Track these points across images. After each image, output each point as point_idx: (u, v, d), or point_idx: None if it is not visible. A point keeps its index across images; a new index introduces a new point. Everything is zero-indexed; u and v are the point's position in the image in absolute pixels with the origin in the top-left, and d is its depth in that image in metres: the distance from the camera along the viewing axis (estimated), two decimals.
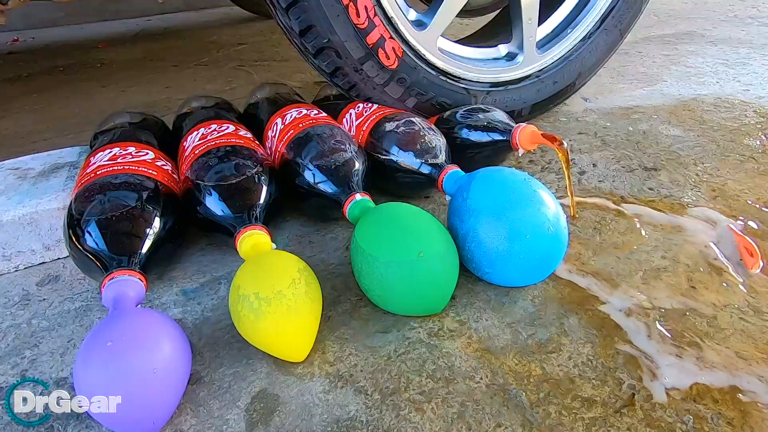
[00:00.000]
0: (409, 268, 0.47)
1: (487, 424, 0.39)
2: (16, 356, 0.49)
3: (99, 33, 2.16)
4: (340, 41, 0.67)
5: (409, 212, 0.52)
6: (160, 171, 0.61)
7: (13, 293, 0.59)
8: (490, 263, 0.51)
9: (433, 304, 0.50)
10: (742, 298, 0.50)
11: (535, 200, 0.51)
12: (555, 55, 0.87)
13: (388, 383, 0.43)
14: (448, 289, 0.50)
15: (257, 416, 0.41)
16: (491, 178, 0.54)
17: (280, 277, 0.45)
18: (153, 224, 0.53)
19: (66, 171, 0.72)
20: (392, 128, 0.66)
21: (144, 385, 0.38)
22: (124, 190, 0.54)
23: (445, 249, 0.49)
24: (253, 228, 0.52)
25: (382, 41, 0.70)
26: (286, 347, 0.45)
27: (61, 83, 1.49)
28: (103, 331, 0.40)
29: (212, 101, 0.83)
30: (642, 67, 1.18)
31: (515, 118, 0.88)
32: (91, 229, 0.50)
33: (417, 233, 0.49)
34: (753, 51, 1.21)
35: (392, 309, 0.50)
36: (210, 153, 0.60)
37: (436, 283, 0.48)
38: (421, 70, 0.76)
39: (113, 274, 0.46)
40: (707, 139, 0.81)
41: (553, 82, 0.88)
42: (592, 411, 0.40)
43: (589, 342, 0.46)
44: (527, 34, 0.82)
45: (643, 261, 0.55)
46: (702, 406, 0.40)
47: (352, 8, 0.66)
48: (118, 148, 0.63)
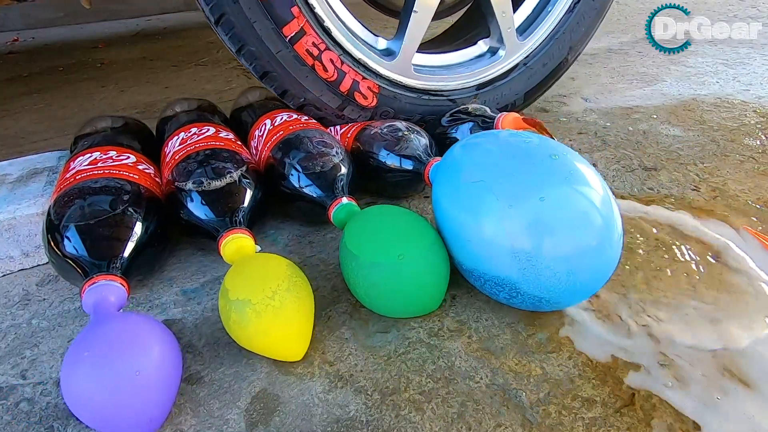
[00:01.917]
0: (390, 271, 0.47)
1: (487, 424, 0.39)
2: (16, 356, 0.49)
3: (99, 33, 2.15)
4: (316, 97, 0.71)
5: (394, 214, 0.52)
6: (141, 175, 0.60)
7: (13, 293, 0.59)
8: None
9: (420, 306, 0.49)
10: None
11: None
12: (539, 37, 0.84)
13: (388, 383, 0.43)
14: (435, 290, 0.49)
15: (257, 416, 0.41)
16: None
17: (270, 280, 0.45)
18: (134, 228, 0.52)
19: (45, 176, 0.70)
20: (377, 131, 0.67)
21: (128, 388, 0.38)
22: (103, 195, 0.53)
23: (429, 249, 0.48)
24: (235, 231, 0.52)
25: (356, 85, 0.72)
26: (282, 349, 0.45)
27: (61, 83, 1.49)
28: (83, 341, 0.39)
29: (194, 104, 0.81)
30: (642, 67, 1.18)
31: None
32: (71, 234, 0.49)
33: (398, 235, 0.49)
34: (753, 51, 1.21)
35: (381, 311, 0.50)
36: (189, 157, 0.60)
37: (418, 284, 0.48)
38: (402, 98, 0.76)
39: (93, 279, 0.46)
40: (707, 139, 0.81)
41: (542, 65, 0.86)
42: (592, 411, 0.40)
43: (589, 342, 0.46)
44: (504, 26, 0.80)
45: (643, 261, 0.55)
46: None
47: (318, 66, 0.69)
48: (98, 152, 0.62)
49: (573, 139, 0.85)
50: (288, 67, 0.67)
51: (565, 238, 0.41)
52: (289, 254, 0.61)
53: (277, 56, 0.66)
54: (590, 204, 0.42)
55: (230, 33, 0.64)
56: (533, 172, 0.44)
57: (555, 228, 0.41)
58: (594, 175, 0.44)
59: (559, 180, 0.43)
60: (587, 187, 0.43)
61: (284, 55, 0.66)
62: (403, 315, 0.50)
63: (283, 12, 0.64)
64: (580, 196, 0.42)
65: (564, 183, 0.42)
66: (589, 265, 0.42)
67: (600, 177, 0.45)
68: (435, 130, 0.74)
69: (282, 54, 0.66)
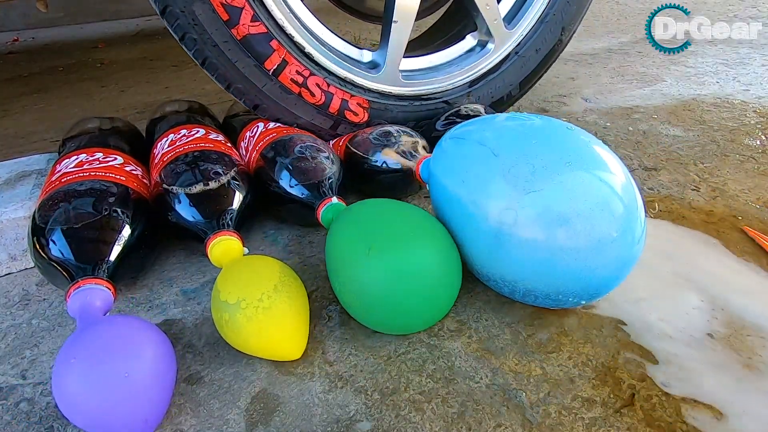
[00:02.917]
0: (359, 266, 0.44)
1: (487, 424, 0.39)
2: (16, 356, 0.49)
3: (99, 33, 2.15)
4: (307, 121, 0.72)
5: (375, 207, 0.50)
6: (129, 176, 0.60)
7: (13, 293, 0.59)
8: None
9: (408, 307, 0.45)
10: None
11: None
12: (528, 23, 0.81)
13: (388, 383, 0.43)
14: (416, 284, 0.44)
15: (257, 416, 0.41)
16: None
17: (260, 282, 0.45)
18: (120, 231, 0.51)
19: (33, 179, 0.70)
20: (367, 136, 0.68)
21: (118, 391, 0.37)
22: (88, 197, 0.52)
23: (404, 243, 0.44)
24: (223, 234, 0.51)
25: (345, 104, 0.72)
26: (277, 349, 0.45)
27: (61, 83, 1.49)
28: (69, 347, 0.39)
29: (185, 105, 0.81)
30: (642, 67, 1.18)
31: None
32: (56, 237, 0.49)
33: (370, 229, 0.46)
34: (753, 51, 1.21)
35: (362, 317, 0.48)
36: (178, 159, 0.60)
37: (394, 278, 0.43)
38: (394, 108, 0.76)
39: (79, 283, 0.45)
40: (707, 139, 0.81)
41: (535, 51, 0.83)
42: (592, 411, 0.40)
43: (589, 342, 0.46)
44: (490, 18, 0.78)
45: (643, 261, 0.55)
46: None
47: (305, 92, 0.69)
48: (84, 155, 0.61)
49: None
50: (276, 99, 0.68)
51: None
52: (290, 254, 0.61)
53: (264, 90, 0.67)
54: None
55: (215, 74, 0.65)
56: (554, 145, 0.41)
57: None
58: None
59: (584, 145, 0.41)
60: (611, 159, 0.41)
61: (270, 88, 0.67)
62: (393, 314, 0.46)
63: (262, 48, 0.65)
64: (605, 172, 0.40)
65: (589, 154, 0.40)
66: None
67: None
68: (431, 135, 0.73)
69: (268, 87, 0.67)
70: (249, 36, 0.63)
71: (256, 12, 0.63)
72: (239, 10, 0.62)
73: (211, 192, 0.56)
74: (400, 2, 0.70)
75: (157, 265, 0.61)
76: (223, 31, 0.62)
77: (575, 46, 1.38)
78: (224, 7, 0.61)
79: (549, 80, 1.14)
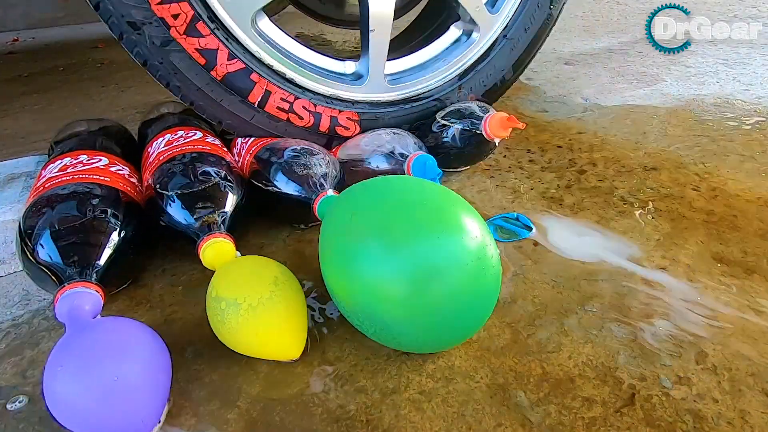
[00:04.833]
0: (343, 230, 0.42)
1: (487, 424, 0.39)
2: (16, 356, 0.49)
3: (99, 33, 2.15)
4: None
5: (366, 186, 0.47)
6: (114, 176, 0.59)
7: (13, 293, 0.59)
8: None
9: None
10: None
11: None
12: (513, 3, 0.77)
13: (387, 383, 0.43)
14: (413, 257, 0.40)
15: (257, 416, 0.41)
16: None
17: (254, 283, 0.45)
18: (106, 231, 0.51)
19: (22, 181, 0.70)
20: (360, 140, 0.69)
21: (109, 395, 0.37)
22: (71, 200, 0.52)
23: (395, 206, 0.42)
24: (216, 236, 0.51)
25: (335, 120, 0.73)
26: (275, 350, 0.45)
27: (61, 83, 1.49)
28: (58, 353, 0.39)
29: (180, 107, 0.80)
30: (642, 67, 1.18)
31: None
32: (44, 241, 0.49)
33: (353, 199, 0.45)
34: (753, 51, 1.21)
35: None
36: (174, 159, 0.59)
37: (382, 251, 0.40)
38: (384, 115, 0.75)
39: (66, 287, 0.45)
40: (707, 139, 0.81)
41: (524, 30, 0.79)
42: (592, 411, 0.40)
43: (589, 342, 0.46)
44: (471, 6, 0.75)
45: None
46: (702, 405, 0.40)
47: (293, 117, 0.70)
48: (68, 158, 0.61)
49: (573, 138, 0.85)
50: (266, 128, 0.69)
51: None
52: (290, 252, 0.61)
53: (253, 122, 0.68)
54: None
55: (206, 114, 0.66)
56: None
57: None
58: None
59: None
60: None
61: (258, 119, 0.68)
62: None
63: (243, 83, 0.65)
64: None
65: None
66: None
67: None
68: (426, 137, 0.73)
69: (256, 119, 0.68)
70: (228, 75, 0.64)
71: (231, 50, 0.63)
72: (214, 52, 0.62)
73: (206, 194, 0.56)
74: (375, 10, 0.69)
75: (157, 264, 0.61)
76: (203, 75, 0.63)
77: (575, 46, 1.38)
78: (200, 52, 0.62)
79: (549, 80, 1.14)
